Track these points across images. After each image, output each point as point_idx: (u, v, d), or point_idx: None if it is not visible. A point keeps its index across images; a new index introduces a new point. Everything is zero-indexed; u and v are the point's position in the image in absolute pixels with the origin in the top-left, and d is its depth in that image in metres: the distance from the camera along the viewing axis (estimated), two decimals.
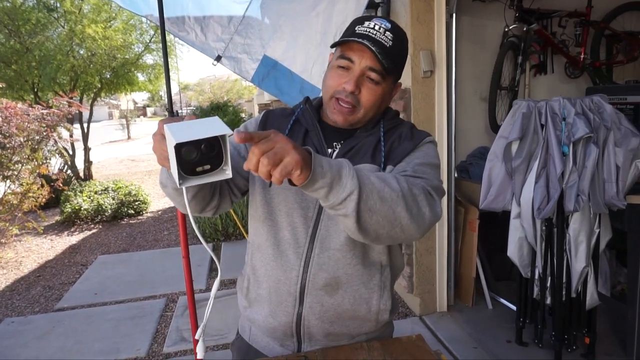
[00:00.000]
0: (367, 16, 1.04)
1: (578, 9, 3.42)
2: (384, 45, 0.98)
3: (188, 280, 2.11)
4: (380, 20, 1.01)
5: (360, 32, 0.99)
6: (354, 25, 1.03)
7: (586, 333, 2.36)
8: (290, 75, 2.51)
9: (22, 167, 4.78)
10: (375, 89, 1.02)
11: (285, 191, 1.06)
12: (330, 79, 1.04)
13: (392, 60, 0.99)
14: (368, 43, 0.96)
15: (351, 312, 1.08)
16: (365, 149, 1.06)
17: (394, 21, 1.04)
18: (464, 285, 3.08)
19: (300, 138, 1.09)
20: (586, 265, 2.24)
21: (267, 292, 1.09)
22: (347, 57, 1.00)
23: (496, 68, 3.20)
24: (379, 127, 1.10)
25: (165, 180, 0.98)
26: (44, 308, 3.48)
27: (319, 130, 1.08)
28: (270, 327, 1.10)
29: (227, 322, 3.00)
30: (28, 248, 5.02)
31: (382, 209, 0.83)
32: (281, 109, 1.19)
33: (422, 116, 2.80)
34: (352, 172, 0.81)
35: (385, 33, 0.99)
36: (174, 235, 5.17)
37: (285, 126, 1.12)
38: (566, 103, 2.17)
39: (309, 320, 1.07)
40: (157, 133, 0.85)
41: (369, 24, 1.00)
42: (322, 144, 1.07)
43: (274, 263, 1.07)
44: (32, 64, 6.56)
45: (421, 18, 2.70)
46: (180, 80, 28.33)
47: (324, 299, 1.05)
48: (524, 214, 2.28)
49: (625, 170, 2.14)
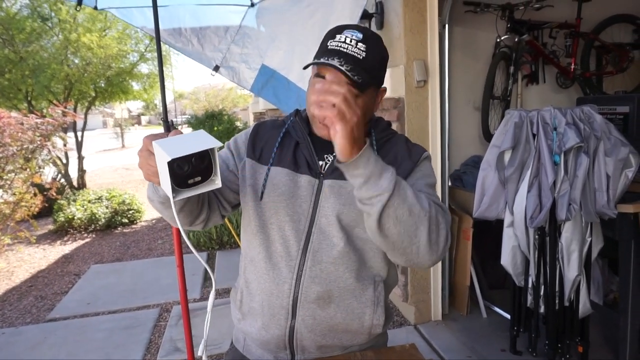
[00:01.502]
0: (340, 27, 1.01)
1: (568, 20, 3.48)
2: (357, 59, 0.96)
3: (182, 290, 2.10)
4: (351, 31, 0.98)
5: (332, 48, 0.97)
6: (326, 39, 1.01)
7: (579, 341, 2.37)
8: (287, 84, 2.52)
9: (15, 176, 4.75)
10: (356, 103, 1.00)
11: (276, 204, 1.06)
12: (311, 94, 1.01)
13: (366, 71, 0.97)
14: (337, 63, 0.94)
15: (343, 325, 1.08)
16: None
17: (366, 28, 1.01)
18: (458, 294, 3.08)
19: (291, 150, 1.10)
20: (579, 273, 2.26)
21: (260, 305, 1.09)
22: (321, 76, 0.99)
23: (488, 78, 3.24)
24: (371, 139, 1.10)
25: (152, 194, 0.99)
26: (35, 318, 3.45)
27: (309, 142, 1.09)
28: (264, 339, 1.10)
29: (222, 332, 2.98)
30: (20, 258, 4.97)
31: (407, 222, 0.86)
32: (272, 121, 1.20)
33: (416, 125, 2.83)
34: (393, 177, 0.85)
35: (358, 45, 0.97)
36: (168, 244, 5.14)
37: (276, 138, 1.12)
38: (557, 113, 2.20)
39: (302, 333, 1.07)
40: (144, 149, 0.86)
41: (340, 37, 0.98)
42: (313, 156, 1.08)
43: (267, 276, 1.07)
44: (26, 72, 6.54)
45: (414, 29, 2.74)
46: (175, 88, 28.34)
47: (316, 312, 1.06)
48: (517, 222, 2.29)
49: (616, 180, 2.17)
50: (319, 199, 1.06)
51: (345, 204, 1.05)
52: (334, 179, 1.06)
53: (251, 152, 1.12)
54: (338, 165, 0.86)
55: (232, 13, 2.75)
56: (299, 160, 1.09)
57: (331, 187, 1.06)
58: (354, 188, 0.87)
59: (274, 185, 1.07)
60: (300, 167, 1.08)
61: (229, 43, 2.76)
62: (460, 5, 3.15)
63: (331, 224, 1.05)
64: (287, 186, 1.07)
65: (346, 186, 1.05)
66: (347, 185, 1.05)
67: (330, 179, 1.06)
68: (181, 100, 26.51)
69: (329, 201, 1.06)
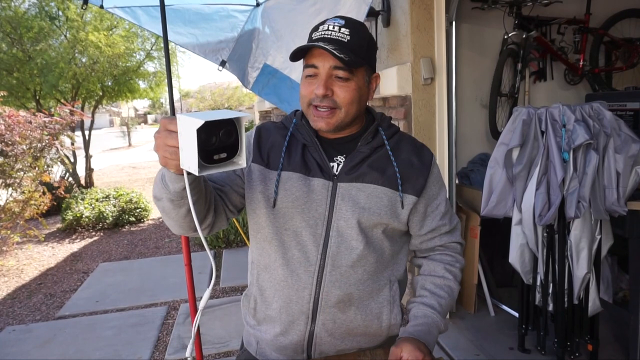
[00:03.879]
0: (323, 21, 1.03)
1: (577, 16, 3.44)
2: (342, 42, 0.98)
3: (190, 288, 2.11)
4: (334, 19, 1.01)
5: (316, 37, 1.00)
6: (310, 33, 1.03)
7: (589, 340, 2.35)
8: (290, 83, 2.51)
9: (24, 175, 4.79)
10: (348, 85, 1.00)
11: (291, 210, 1.04)
12: (302, 89, 1.03)
13: (353, 53, 0.98)
14: (323, 44, 0.96)
15: (363, 328, 1.08)
16: (373, 166, 1.05)
17: (347, 17, 1.03)
18: (466, 292, 3.07)
19: (299, 153, 1.07)
20: (588, 271, 2.24)
21: (278, 312, 1.07)
22: (310, 65, 1.00)
23: (496, 75, 3.21)
24: (380, 135, 1.09)
25: (159, 192, 0.92)
26: (45, 316, 3.48)
27: (318, 145, 1.06)
28: (281, 345, 1.09)
29: (229, 330, 2.99)
30: (29, 256, 5.02)
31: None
32: (272, 123, 1.17)
33: (423, 123, 2.82)
34: (445, 327, 1.09)
35: (341, 30, 0.99)
36: (176, 242, 5.17)
37: (282, 141, 1.08)
38: (566, 110, 2.18)
39: (321, 338, 1.06)
40: (162, 130, 0.81)
41: (323, 27, 1.01)
42: (324, 159, 1.06)
43: (284, 283, 1.05)
44: (34, 72, 6.59)
45: (421, 26, 2.72)
46: (181, 87, 28.44)
47: (336, 315, 1.05)
48: (525, 220, 2.28)
49: (626, 177, 2.14)
50: (334, 202, 1.04)
51: (364, 207, 1.03)
52: (350, 182, 1.04)
53: (258, 156, 1.08)
54: None
55: (237, 12, 2.75)
56: (309, 163, 1.06)
57: (347, 190, 1.04)
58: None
59: (286, 190, 1.04)
60: (311, 170, 1.05)
61: (234, 41, 2.76)
62: (468, 2, 3.13)
63: (350, 227, 1.03)
64: (301, 191, 1.04)
65: (364, 189, 1.04)
66: (364, 188, 1.04)
67: (345, 182, 1.04)
68: (187, 99, 26.59)
69: (347, 204, 1.03)
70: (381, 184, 1.05)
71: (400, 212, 1.06)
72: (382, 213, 1.04)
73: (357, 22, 1.03)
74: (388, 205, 1.05)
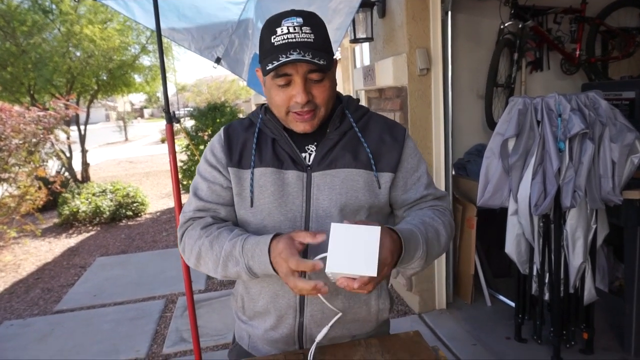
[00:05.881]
0: (275, 20, 0.96)
1: (573, 5, 3.42)
2: (309, 43, 0.93)
3: (187, 281, 2.11)
4: (289, 19, 0.95)
5: (280, 44, 0.93)
6: (268, 36, 0.96)
7: (584, 329, 2.36)
8: None
9: (19, 170, 4.77)
10: (324, 85, 0.98)
11: (268, 206, 1.03)
12: (276, 97, 0.99)
13: (322, 50, 0.95)
14: (296, 55, 0.91)
15: (352, 315, 1.08)
16: (345, 150, 1.05)
17: (297, 10, 0.98)
18: (462, 283, 3.08)
19: (269, 147, 1.05)
20: (584, 261, 2.25)
21: (265, 307, 1.07)
22: (282, 74, 0.95)
23: (492, 65, 3.20)
24: (347, 119, 1.08)
25: (233, 276, 0.99)
26: (43, 310, 3.48)
27: (287, 137, 1.05)
28: (272, 339, 1.09)
29: (227, 322, 3.00)
30: (26, 251, 5.01)
31: (433, 260, 1.04)
32: (239, 122, 1.14)
33: (419, 114, 2.81)
34: (424, 254, 0.97)
35: (302, 29, 0.94)
36: (173, 236, 5.17)
37: (251, 139, 1.07)
38: (562, 99, 2.18)
39: (311, 329, 1.06)
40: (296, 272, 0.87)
41: (281, 29, 0.94)
42: (294, 150, 1.04)
43: (269, 278, 1.04)
44: (28, 66, 6.54)
45: (417, 16, 2.70)
46: (178, 81, 28.29)
47: (324, 306, 1.05)
48: (521, 210, 2.28)
49: (621, 166, 2.15)
50: (310, 192, 1.03)
51: (341, 193, 1.02)
52: (323, 170, 1.04)
53: (229, 160, 1.06)
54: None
55: (232, 4, 2.72)
56: (280, 157, 1.05)
57: (322, 178, 1.03)
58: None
59: (261, 187, 1.03)
60: (284, 163, 1.04)
61: (229, 35, 2.74)
62: None
63: (330, 215, 1.02)
64: (275, 185, 1.03)
65: (337, 174, 1.03)
66: (338, 174, 1.03)
67: (319, 171, 1.04)
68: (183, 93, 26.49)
69: (323, 193, 1.03)
70: (354, 166, 1.04)
71: (378, 192, 1.05)
72: (360, 196, 1.03)
73: (311, 14, 0.98)
74: (365, 187, 1.04)
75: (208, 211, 1.07)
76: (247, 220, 1.07)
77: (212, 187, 1.08)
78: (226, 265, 0.97)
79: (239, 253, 0.95)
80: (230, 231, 1.01)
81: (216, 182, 1.08)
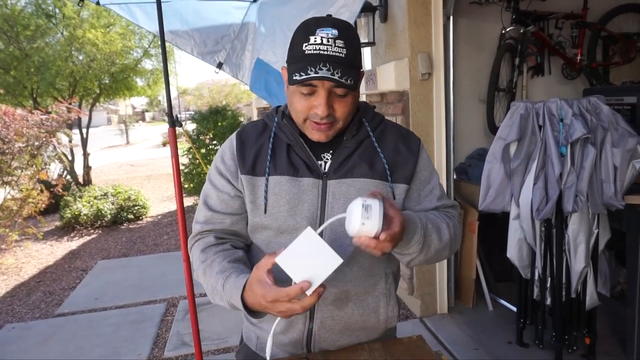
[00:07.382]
0: (309, 25, 0.95)
1: (574, 10, 3.44)
2: (340, 58, 0.92)
3: (189, 284, 2.11)
4: (325, 30, 0.93)
5: (311, 54, 0.92)
6: (300, 42, 0.95)
7: (586, 333, 2.36)
8: (280, 77, 2.51)
9: (21, 173, 4.79)
10: (347, 100, 0.98)
11: (283, 213, 1.03)
12: (298, 103, 0.98)
13: (353, 68, 0.94)
14: (325, 71, 0.90)
15: (361, 322, 1.08)
16: (361, 160, 1.05)
17: (336, 20, 0.96)
18: (464, 287, 3.08)
19: (284, 154, 1.05)
20: (585, 265, 2.25)
21: None
22: (308, 84, 0.94)
23: (494, 70, 3.21)
24: (365, 128, 1.08)
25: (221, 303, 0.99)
26: (44, 313, 3.48)
27: (303, 144, 1.04)
28: (281, 343, 1.09)
29: (228, 326, 3.00)
30: (28, 254, 5.01)
31: (431, 258, 1.02)
32: (252, 126, 1.13)
33: (421, 118, 2.82)
34: (421, 239, 0.96)
35: (336, 43, 0.92)
36: (174, 239, 5.17)
37: (266, 145, 1.06)
38: (563, 104, 2.18)
39: (320, 335, 1.07)
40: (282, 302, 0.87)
41: (315, 39, 0.92)
42: (310, 157, 1.04)
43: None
44: (31, 69, 6.57)
45: (419, 21, 2.72)
46: (179, 84, 28.38)
47: (334, 312, 1.05)
48: (523, 215, 2.28)
49: (623, 171, 2.15)
50: (326, 200, 1.03)
51: None
52: (339, 179, 1.03)
53: (242, 166, 1.05)
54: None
55: (234, 9, 2.74)
56: (296, 164, 1.04)
57: (338, 187, 1.03)
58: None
59: (276, 195, 1.03)
60: (299, 170, 1.03)
61: (231, 40, 2.76)
62: None
63: (344, 224, 1.03)
64: (291, 193, 1.02)
65: (353, 184, 1.03)
66: (354, 183, 1.03)
67: (335, 179, 1.03)
68: (185, 96, 26.54)
69: (339, 202, 1.02)
70: (370, 177, 1.04)
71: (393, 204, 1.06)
72: None
73: (347, 25, 0.97)
74: None
75: (214, 224, 1.08)
76: (260, 226, 1.06)
77: (220, 195, 1.08)
78: (214, 298, 1.01)
79: (221, 290, 0.97)
80: (223, 259, 1.02)
81: (224, 190, 1.08)
